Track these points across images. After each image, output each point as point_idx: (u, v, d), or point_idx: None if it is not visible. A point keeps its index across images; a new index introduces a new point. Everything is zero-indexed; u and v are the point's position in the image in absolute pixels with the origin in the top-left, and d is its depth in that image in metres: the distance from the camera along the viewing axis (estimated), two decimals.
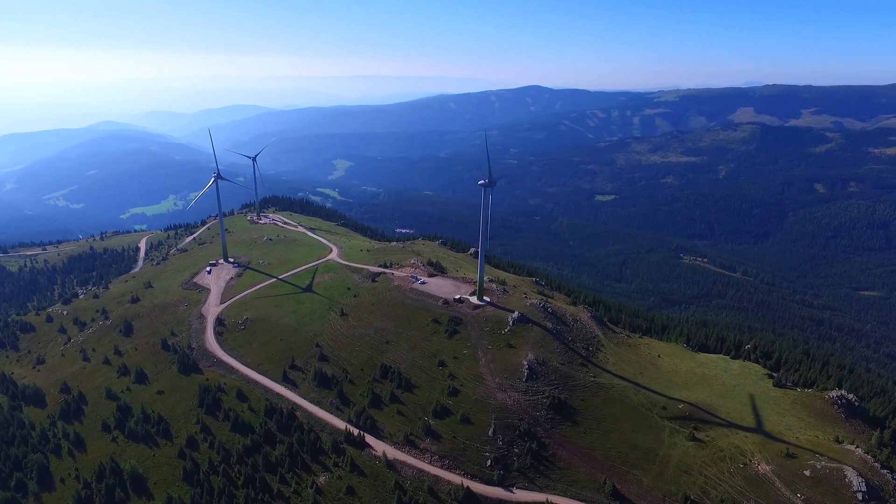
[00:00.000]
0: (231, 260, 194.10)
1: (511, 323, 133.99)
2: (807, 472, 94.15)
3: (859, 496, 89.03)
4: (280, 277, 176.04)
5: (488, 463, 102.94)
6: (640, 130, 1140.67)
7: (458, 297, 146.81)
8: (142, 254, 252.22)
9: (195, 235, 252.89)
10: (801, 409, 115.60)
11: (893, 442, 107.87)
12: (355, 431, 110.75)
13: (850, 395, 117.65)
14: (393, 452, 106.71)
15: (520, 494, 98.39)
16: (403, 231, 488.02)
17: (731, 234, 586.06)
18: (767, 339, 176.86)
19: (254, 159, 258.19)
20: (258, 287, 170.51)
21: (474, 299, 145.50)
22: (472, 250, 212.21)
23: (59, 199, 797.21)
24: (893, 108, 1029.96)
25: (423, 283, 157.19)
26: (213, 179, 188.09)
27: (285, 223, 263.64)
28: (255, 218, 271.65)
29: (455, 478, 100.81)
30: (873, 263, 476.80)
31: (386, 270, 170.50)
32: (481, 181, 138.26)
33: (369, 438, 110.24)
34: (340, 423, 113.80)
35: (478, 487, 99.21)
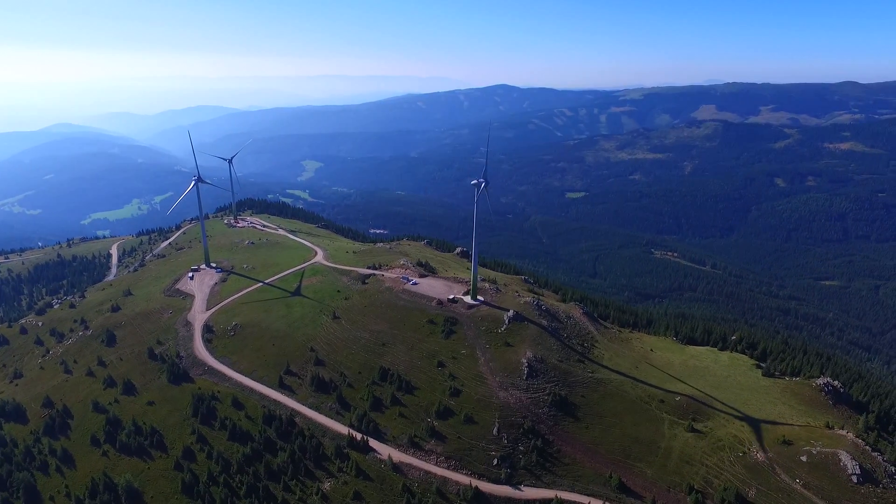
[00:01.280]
0: (213, 265, 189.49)
1: (507, 322, 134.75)
2: (803, 458, 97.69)
3: (854, 479, 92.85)
4: (266, 282, 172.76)
5: (495, 462, 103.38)
6: (607, 128, 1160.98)
7: (451, 296, 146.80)
8: (114, 260, 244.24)
9: (171, 240, 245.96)
10: (791, 397, 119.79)
11: (878, 425, 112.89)
12: (358, 436, 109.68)
13: (836, 382, 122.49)
14: (398, 455, 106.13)
15: (528, 492, 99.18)
16: (378, 231, 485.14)
17: (698, 228, 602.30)
18: (745, 331, 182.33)
19: (230, 161, 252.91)
20: (244, 292, 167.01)
21: (468, 299, 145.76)
22: (459, 250, 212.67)
23: (15, 205, 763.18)
24: (845, 104, 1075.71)
25: (414, 283, 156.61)
26: (193, 183, 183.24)
27: (264, 226, 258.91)
28: (232, 221, 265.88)
29: (463, 478, 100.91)
30: (832, 254, 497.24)
31: (375, 272, 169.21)
32: (474, 181, 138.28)
33: (373, 442, 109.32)
34: (342, 428, 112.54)
35: (486, 487, 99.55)
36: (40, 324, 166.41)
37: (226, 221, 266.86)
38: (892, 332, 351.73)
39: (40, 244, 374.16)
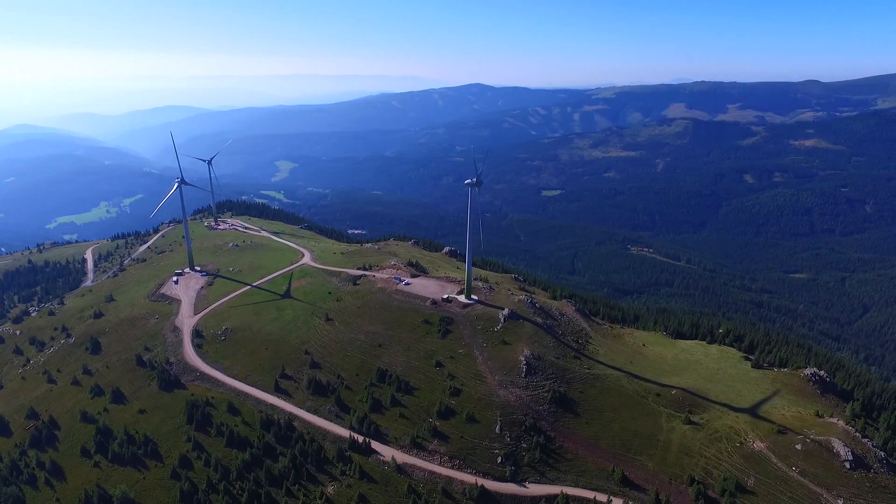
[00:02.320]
0: (198, 268, 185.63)
1: (502, 320, 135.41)
2: (798, 447, 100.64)
3: (847, 465, 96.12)
4: (254, 284, 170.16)
5: (499, 460, 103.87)
6: (580, 126, 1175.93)
7: (445, 296, 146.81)
8: (90, 265, 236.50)
9: (149, 244, 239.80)
10: (781, 387, 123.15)
11: (864, 413, 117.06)
12: (360, 438, 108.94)
13: (822, 372, 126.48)
14: (401, 456, 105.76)
15: (533, 489, 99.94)
16: (356, 232, 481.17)
17: (672, 224, 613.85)
18: (731, 324, 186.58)
19: (209, 162, 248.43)
20: (232, 295, 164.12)
21: (462, 298, 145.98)
22: (447, 249, 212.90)
23: None
24: (808, 102, 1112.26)
25: (407, 283, 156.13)
26: (176, 184, 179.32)
27: (246, 228, 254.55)
28: (213, 223, 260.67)
29: (468, 477, 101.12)
30: (800, 248, 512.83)
31: (366, 273, 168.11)
32: (468, 180, 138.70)
33: (375, 444, 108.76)
34: (342, 431, 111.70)
35: (491, 485, 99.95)
36: (18, 332, 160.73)
37: (206, 224, 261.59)
38: (859, 322, 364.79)
39: (3, 250, 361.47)
